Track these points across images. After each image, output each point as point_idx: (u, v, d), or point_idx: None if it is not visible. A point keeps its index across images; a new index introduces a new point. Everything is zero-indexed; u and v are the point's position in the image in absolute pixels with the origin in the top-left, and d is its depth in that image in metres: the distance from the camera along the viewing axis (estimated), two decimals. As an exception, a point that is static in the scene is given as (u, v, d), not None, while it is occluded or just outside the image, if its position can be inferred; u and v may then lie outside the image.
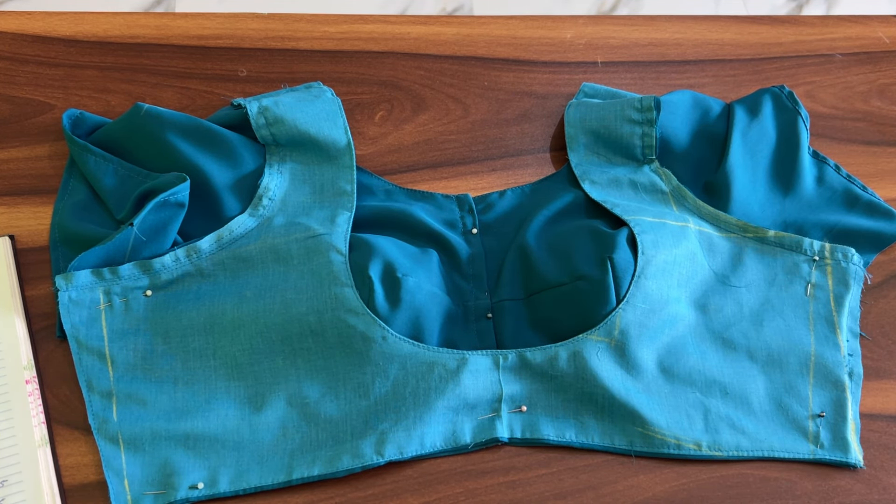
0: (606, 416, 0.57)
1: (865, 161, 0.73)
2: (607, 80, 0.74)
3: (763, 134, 0.67)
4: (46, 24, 0.69)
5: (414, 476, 0.55)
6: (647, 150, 0.66)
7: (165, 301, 0.57)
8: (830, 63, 0.78)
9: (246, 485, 0.53)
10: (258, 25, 0.72)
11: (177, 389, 0.55)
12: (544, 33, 0.76)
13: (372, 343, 0.55)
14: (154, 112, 0.61)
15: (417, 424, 0.55)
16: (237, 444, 0.55)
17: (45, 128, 0.65)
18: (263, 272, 0.58)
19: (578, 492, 0.56)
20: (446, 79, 0.72)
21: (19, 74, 0.67)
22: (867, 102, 0.76)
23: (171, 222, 0.57)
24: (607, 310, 0.57)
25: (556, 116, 0.71)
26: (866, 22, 0.81)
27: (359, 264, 0.57)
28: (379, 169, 0.67)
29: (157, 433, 0.54)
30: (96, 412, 0.54)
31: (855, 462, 0.58)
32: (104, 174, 0.60)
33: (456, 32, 0.74)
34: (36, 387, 0.55)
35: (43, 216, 0.61)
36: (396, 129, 0.69)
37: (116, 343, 0.56)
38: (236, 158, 0.61)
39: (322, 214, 0.60)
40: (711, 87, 0.75)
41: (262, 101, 0.63)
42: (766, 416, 0.59)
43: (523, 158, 0.69)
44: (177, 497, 0.52)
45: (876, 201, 0.68)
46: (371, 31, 0.73)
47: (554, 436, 0.56)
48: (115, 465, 0.53)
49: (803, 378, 0.60)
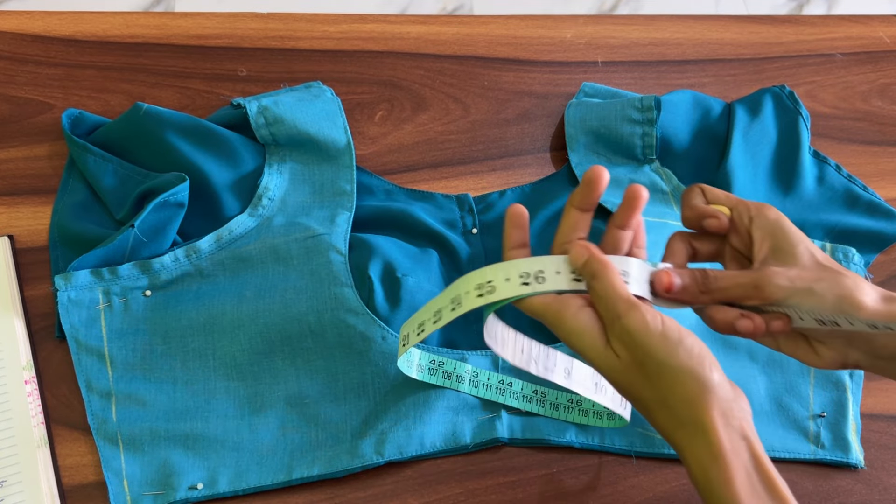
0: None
1: (866, 161, 0.73)
2: (607, 80, 0.74)
3: (764, 134, 0.67)
4: (46, 23, 0.69)
5: (414, 476, 0.55)
6: (648, 149, 0.66)
7: (165, 301, 0.57)
8: (831, 63, 0.78)
9: (245, 485, 0.53)
10: (258, 25, 0.72)
11: (176, 389, 0.55)
12: (544, 33, 0.76)
13: (372, 343, 0.55)
14: (153, 112, 0.61)
15: (417, 424, 0.55)
16: (237, 445, 0.54)
17: (45, 127, 0.65)
18: (263, 272, 0.58)
19: (578, 492, 0.56)
20: (446, 78, 0.72)
21: (19, 74, 0.67)
22: (868, 102, 0.76)
23: (170, 222, 0.57)
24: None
25: (557, 116, 0.71)
26: (867, 21, 0.81)
27: (358, 264, 0.57)
28: (379, 169, 0.67)
29: (157, 433, 0.54)
30: (95, 412, 0.54)
31: (856, 462, 0.58)
32: (104, 174, 0.60)
33: (456, 32, 0.74)
34: (35, 387, 0.55)
35: (42, 216, 0.61)
36: (396, 128, 0.69)
37: (116, 343, 0.56)
38: (236, 158, 0.61)
39: (322, 214, 0.60)
40: (712, 86, 0.75)
41: (262, 101, 0.63)
42: (767, 416, 0.59)
43: (523, 158, 0.69)
44: (176, 497, 0.52)
45: (876, 201, 0.67)
46: (371, 31, 0.73)
47: (554, 436, 0.56)
48: (114, 465, 0.53)
49: (804, 378, 0.60)
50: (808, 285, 0.42)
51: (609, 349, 0.42)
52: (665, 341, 0.41)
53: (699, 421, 0.41)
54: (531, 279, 0.43)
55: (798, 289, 0.42)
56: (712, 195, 0.48)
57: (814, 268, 0.43)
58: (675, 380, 0.41)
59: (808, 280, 0.42)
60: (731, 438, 0.41)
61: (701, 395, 0.41)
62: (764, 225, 0.45)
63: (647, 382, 0.42)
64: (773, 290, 0.42)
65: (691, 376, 0.41)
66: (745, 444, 0.41)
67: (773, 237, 0.44)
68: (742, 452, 0.41)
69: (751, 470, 0.41)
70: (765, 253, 0.44)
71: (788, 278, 0.42)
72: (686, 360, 0.41)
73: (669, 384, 0.41)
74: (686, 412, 0.41)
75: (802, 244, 0.44)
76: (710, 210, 0.46)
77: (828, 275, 0.42)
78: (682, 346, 0.41)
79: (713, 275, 0.44)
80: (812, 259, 0.43)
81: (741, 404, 0.43)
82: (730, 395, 0.42)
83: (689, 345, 0.41)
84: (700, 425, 0.41)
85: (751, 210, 0.46)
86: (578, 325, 0.43)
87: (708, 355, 0.42)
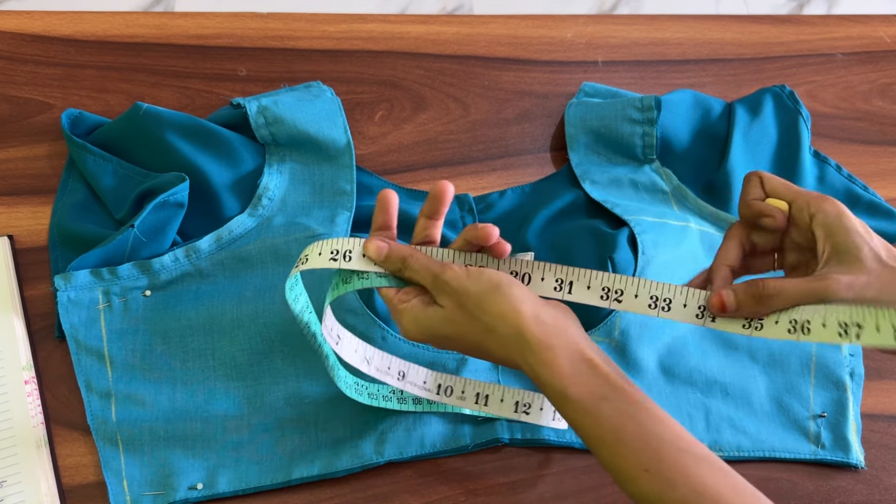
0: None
1: (866, 161, 0.73)
2: (608, 80, 0.73)
3: (764, 133, 0.67)
4: (45, 23, 0.69)
5: (414, 476, 0.55)
6: (648, 149, 0.66)
7: (164, 301, 0.57)
8: (831, 62, 0.78)
9: (245, 485, 0.53)
10: (257, 25, 0.72)
11: (176, 390, 0.55)
12: (545, 32, 0.75)
13: (371, 343, 0.55)
14: (153, 112, 0.60)
15: (417, 424, 0.55)
16: (236, 445, 0.54)
17: (44, 127, 0.65)
18: (263, 272, 0.58)
19: (579, 492, 0.56)
20: (446, 78, 0.72)
21: (18, 74, 0.67)
22: (868, 102, 0.76)
23: (170, 222, 0.57)
24: (607, 310, 0.57)
25: (557, 116, 0.71)
26: (867, 21, 0.81)
27: (358, 264, 0.57)
28: (379, 169, 0.67)
29: (156, 433, 0.54)
30: (95, 412, 0.54)
31: (856, 462, 0.58)
32: (103, 174, 0.60)
33: (456, 32, 0.74)
34: (35, 387, 0.55)
35: (42, 216, 0.61)
36: (396, 128, 0.69)
37: (115, 343, 0.56)
38: (236, 158, 0.61)
39: (322, 214, 0.60)
40: (712, 86, 0.75)
41: (262, 101, 0.63)
42: (768, 416, 0.59)
43: (523, 158, 0.69)
44: (176, 497, 0.52)
45: (877, 201, 0.67)
46: (371, 31, 0.73)
47: (554, 436, 0.56)
48: (113, 465, 0.53)
49: (804, 378, 0.60)
50: (875, 295, 0.41)
51: (434, 306, 0.46)
52: (472, 279, 0.45)
53: (516, 328, 0.44)
54: (339, 256, 0.47)
55: (865, 299, 0.41)
56: (770, 187, 0.46)
57: (879, 272, 0.42)
58: (487, 303, 0.45)
59: (875, 289, 0.41)
60: (546, 333, 0.43)
61: (510, 307, 0.44)
62: (824, 222, 0.44)
63: (471, 318, 0.45)
64: (838, 303, 0.41)
65: (499, 294, 0.44)
66: (563, 336, 0.44)
67: (834, 236, 0.43)
68: (560, 342, 0.43)
69: (572, 355, 0.43)
70: (827, 253, 0.43)
71: (854, 290, 0.41)
72: (489, 284, 0.45)
73: (485, 309, 0.45)
74: (505, 327, 0.44)
75: (867, 245, 0.43)
76: (766, 208, 0.45)
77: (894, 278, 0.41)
78: (483, 275, 0.45)
79: (773, 286, 0.43)
80: (877, 260, 0.42)
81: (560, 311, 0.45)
82: (538, 301, 0.45)
83: (488, 274, 0.45)
84: (518, 332, 0.44)
85: (811, 206, 0.45)
86: (405, 308, 0.47)
87: (506, 277, 0.45)
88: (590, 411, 0.42)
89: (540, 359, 0.43)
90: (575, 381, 0.42)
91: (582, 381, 0.42)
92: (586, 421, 0.42)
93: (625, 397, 0.42)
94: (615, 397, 0.42)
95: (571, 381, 0.42)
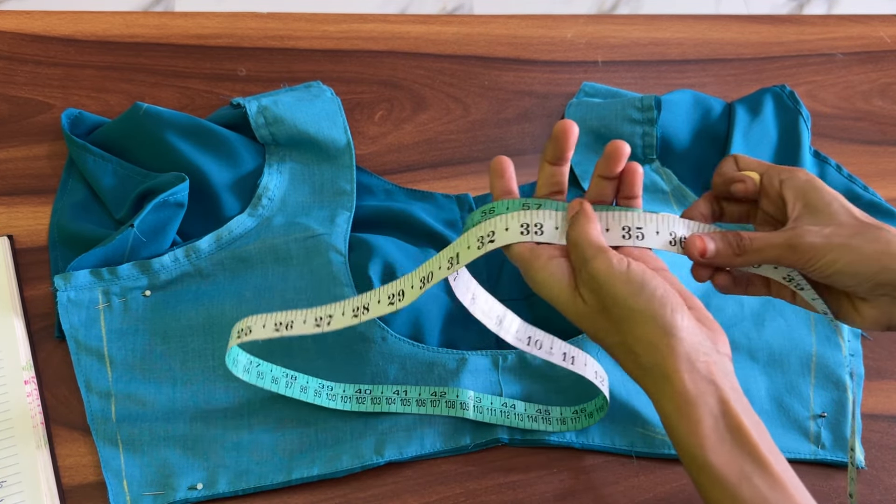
0: (607, 417, 0.56)
1: (867, 161, 0.73)
2: (608, 80, 0.73)
3: (764, 134, 0.67)
4: (45, 23, 0.69)
5: (414, 476, 0.55)
6: (648, 149, 0.66)
7: (164, 301, 0.57)
8: (832, 62, 0.78)
9: (245, 485, 0.53)
10: (257, 24, 0.72)
11: (176, 390, 0.55)
12: (544, 32, 0.75)
13: (371, 343, 0.55)
14: (153, 111, 0.60)
15: (417, 424, 0.55)
16: (236, 445, 0.54)
17: (44, 127, 0.65)
18: (263, 272, 0.58)
19: (579, 492, 0.56)
20: (446, 78, 0.72)
21: (18, 74, 0.67)
22: (869, 102, 0.76)
23: (170, 222, 0.57)
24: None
25: (557, 116, 0.71)
26: (868, 21, 0.81)
27: (358, 264, 0.57)
28: (379, 169, 0.67)
29: (156, 434, 0.54)
30: (95, 413, 0.54)
31: (856, 463, 0.58)
32: (103, 174, 0.60)
33: (456, 32, 0.74)
34: (35, 387, 0.55)
35: (42, 216, 0.61)
36: (396, 128, 0.69)
37: (115, 343, 0.56)
38: (236, 158, 0.61)
39: (322, 214, 0.60)
40: (712, 86, 0.75)
41: (262, 101, 0.63)
42: (768, 416, 0.59)
43: (524, 158, 0.69)
44: (176, 498, 0.52)
45: (877, 201, 0.67)
46: (371, 31, 0.73)
47: (554, 436, 0.56)
48: (113, 465, 0.53)
49: (804, 378, 0.60)
50: (844, 241, 0.40)
51: (577, 295, 0.42)
52: (628, 284, 0.40)
53: (661, 366, 0.40)
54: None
55: (834, 245, 0.40)
56: (744, 163, 0.47)
57: (850, 223, 0.41)
58: (637, 323, 0.40)
59: (845, 235, 0.41)
60: (696, 383, 0.39)
61: (662, 339, 0.40)
62: (795, 185, 0.44)
63: (613, 327, 0.41)
64: (806, 249, 0.41)
65: (653, 319, 0.40)
66: (711, 389, 0.39)
67: (805, 196, 0.43)
68: (708, 398, 0.39)
69: (717, 416, 0.39)
70: (798, 212, 0.43)
71: (823, 235, 0.41)
72: (647, 302, 0.40)
73: (632, 328, 0.40)
74: (649, 357, 0.40)
75: (837, 201, 0.42)
76: (738, 175, 0.45)
77: (865, 229, 0.41)
78: (644, 288, 0.40)
79: (748, 237, 0.43)
80: (848, 214, 0.42)
81: (717, 346, 0.41)
82: (697, 339, 0.40)
83: (651, 287, 0.40)
84: (662, 371, 0.40)
85: (781, 173, 0.45)
86: (545, 274, 0.43)
87: (673, 298, 0.40)
88: (727, 487, 0.38)
89: (681, 412, 0.39)
90: (717, 449, 0.38)
91: (725, 451, 0.38)
92: (719, 494, 0.38)
93: (769, 478, 0.38)
94: (758, 476, 0.38)
95: (713, 448, 0.38)
